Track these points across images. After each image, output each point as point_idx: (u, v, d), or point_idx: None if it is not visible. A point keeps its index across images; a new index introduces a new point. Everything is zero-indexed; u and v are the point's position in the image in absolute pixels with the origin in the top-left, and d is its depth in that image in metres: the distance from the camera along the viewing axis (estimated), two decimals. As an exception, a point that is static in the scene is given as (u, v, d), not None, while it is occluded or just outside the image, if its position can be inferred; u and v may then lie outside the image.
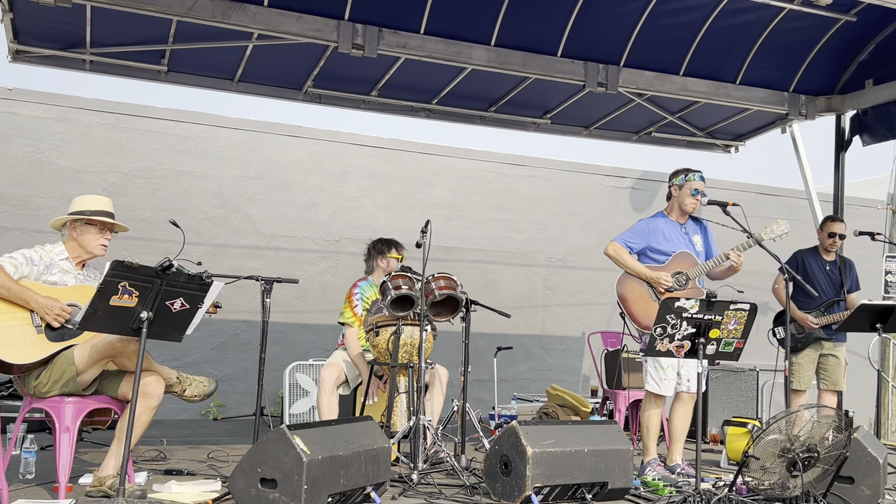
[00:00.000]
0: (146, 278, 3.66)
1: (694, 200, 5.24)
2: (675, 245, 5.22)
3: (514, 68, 6.63)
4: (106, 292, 3.60)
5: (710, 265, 5.18)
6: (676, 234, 5.25)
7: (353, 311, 5.48)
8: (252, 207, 8.38)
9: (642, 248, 5.24)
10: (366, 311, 5.51)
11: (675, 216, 5.32)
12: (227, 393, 7.93)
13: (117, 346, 3.98)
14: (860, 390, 7.38)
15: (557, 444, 4.23)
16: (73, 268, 4.26)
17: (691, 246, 5.26)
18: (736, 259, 5.11)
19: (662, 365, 5.09)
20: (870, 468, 4.45)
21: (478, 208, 9.35)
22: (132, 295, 3.65)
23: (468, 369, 5.22)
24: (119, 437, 4.03)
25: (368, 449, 3.96)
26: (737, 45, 7.02)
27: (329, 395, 5.15)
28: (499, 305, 8.41)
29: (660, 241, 5.21)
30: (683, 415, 5.22)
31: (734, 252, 5.13)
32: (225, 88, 7.06)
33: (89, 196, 4.39)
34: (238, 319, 8.11)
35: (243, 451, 5.40)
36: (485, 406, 8.35)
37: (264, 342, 4.64)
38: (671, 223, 5.30)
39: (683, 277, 5.16)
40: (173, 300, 3.78)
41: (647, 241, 5.22)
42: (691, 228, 5.34)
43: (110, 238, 4.39)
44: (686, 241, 5.27)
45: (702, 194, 5.25)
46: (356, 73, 6.98)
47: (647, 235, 5.22)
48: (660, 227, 5.24)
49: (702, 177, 5.28)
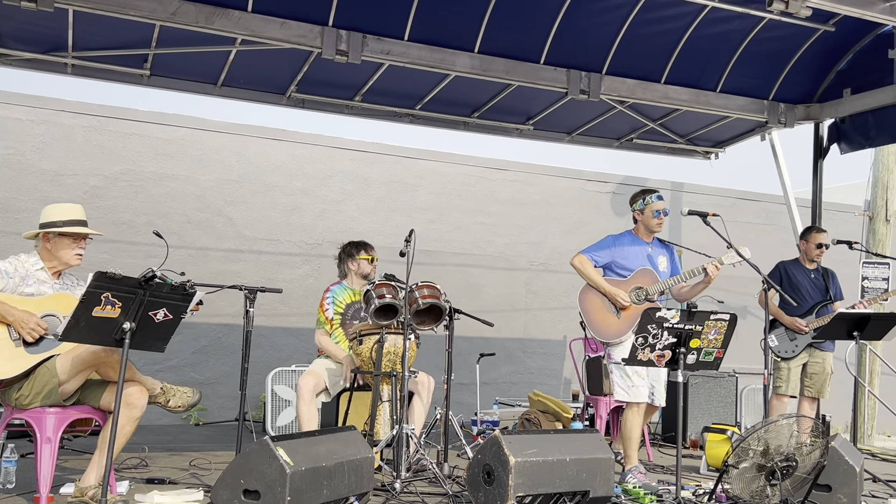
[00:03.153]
0: (129, 289, 3.65)
1: (658, 221, 5.39)
2: (638, 263, 5.36)
3: (497, 75, 6.64)
4: (89, 303, 3.57)
5: (671, 282, 5.32)
6: (640, 253, 5.39)
7: (325, 314, 5.52)
8: (234, 211, 8.34)
9: (607, 262, 5.41)
10: (338, 314, 5.53)
11: (642, 235, 5.47)
12: (209, 397, 7.88)
13: (100, 356, 3.95)
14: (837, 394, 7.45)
15: (540, 454, 4.24)
16: (49, 278, 4.22)
17: (655, 265, 5.40)
18: (713, 272, 5.18)
19: (627, 373, 5.19)
20: (847, 476, 4.51)
21: (461, 212, 9.36)
22: (115, 306, 3.63)
23: (451, 377, 5.22)
24: (101, 447, 4.01)
25: (352, 459, 3.95)
26: (717, 54, 7.08)
27: (308, 403, 5.14)
28: (481, 309, 8.47)
29: (625, 257, 5.36)
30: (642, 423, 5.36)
31: (711, 265, 5.19)
32: (208, 93, 7.02)
33: (60, 205, 4.29)
34: (220, 323, 8.07)
35: (226, 457, 5.41)
36: (467, 410, 8.36)
37: (247, 351, 4.63)
38: (637, 241, 5.46)
39: (643, 293, 5.29)
40: (156, 311, 3.76)
41: (612, 256, 5.39)
42: (657, 249, 5.48)
43: (85, 247, 4.31)
44: (650, 260, 5.41)
45: (664, 213, 5.39)
46: (340, 79, 6.96)
47: (613, 251, 5.39)
48: (624, 245, 5.41)
49: (659, 196, 5.43)
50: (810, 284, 6.36)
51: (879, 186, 10.01)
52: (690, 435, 7.31)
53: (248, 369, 4.69)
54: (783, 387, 6.27)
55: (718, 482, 4.31)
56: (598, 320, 5.34)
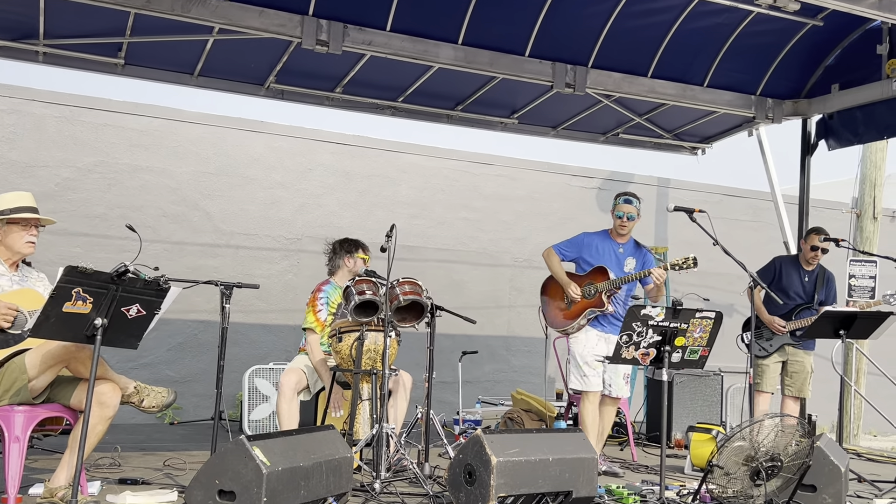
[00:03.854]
0: (101, 284, 3.62)
1: (620, 223, 5.64)
2: (603, 261, 5.62)
3: (481, 67, 6.64)
4: (59, 298, 3.54)
5: (619, 282, 5.50)
6: (608, 253, 5.65)
7: (317, 316, 5.46)
8: (211, 204, 8.29)
9: (575, 257, 5.74)
10: (331, 315, 5.48)
11: (614, 235, 5.73)
12: (184, 395, 7.82)
13: (71, 351, 3.92)
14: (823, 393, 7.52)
15: (522, 453, 4.25)
16: (6, 270, 4.18)
17: (620, 265, 5.61)
18: (658, 277, 5.37)
19: (580, 364, 5.60)
20: (832, 476, 4.55)
21: (444, 207, 9.36)
22: (86, 301, 3.60)
23: (433, 375, 5.23)
24: (72, 447, 3.97)
25: (330, 459, 3.94)
26: (705, 48, 7.12)
27: (289, 401, 5.13)
28: (464, 306, 8.48)
29: (591, 254, 5.66)
30: (605, 416, 5.68)
31: (658, 270, 5.38)
32: (184, 83, 6.99)
33: (7, 194, 4.25)
34: (196, 320, 8.03)
35: (200, 457, 5.38)
36: (449, 409, 8.36)
37: (223, 348, 4.60)
38: (608, 241, 5.72)
39: (593, 289, 5.58)
40: (129, 306, 3.74)
41: (579, 252, 5.71)
42: (629, 251, 5.70)
43: (37, 234, 4.25)
44: (616, 259, 5.65)
45: (627, 217, 5.61)
46: (320, 70, 6.94)
47: (581, 248, 5.71)
48: (595, 242, 5.70)
49: (627, 200, 5.65)
50: (799, 286, 6.40)
51: (867, 183, 10.11)
52: (675, 434, 7.36)
53: (225, 367, 4.67)
54: (761, 384, 6.35)
55: (703, 482, 4.34)
56: (551, 310, 5.81)
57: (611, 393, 5.62)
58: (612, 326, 5.61)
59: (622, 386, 5.61)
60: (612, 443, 7.30)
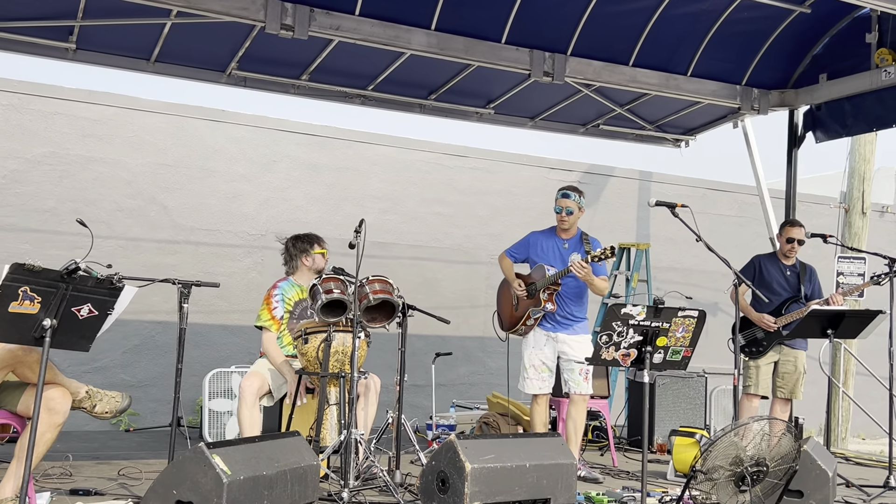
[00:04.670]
0: (50, 283, 3.56)
1: (559, 218, 5.78)
2: (546, 259, 5.79)
3: (455, 55, 6.63)
4: (4, 298, 3.49)
5: (554, 278, 5.63)
6: (552, 249, 5.82)
7: (272, 313, 5.42)
8: (169, 198, 8.22)
9: (525, 258, 5.93)
10: (287, 313, 5.45)
11: (559, 231, 5.86)
12: (140, 401, 7.77)
13: (18, 355, 3.87)
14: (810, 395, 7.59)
15: (498, 459, 4.25)
16: None
17: (564, 261, 5.73)
18: (578, 270, 5.45)
19: (525, 365, 5.79)
20: (819, 481, 4.61)
21: (416, 202, 9.34)
22: (34, 301, 3.55)
23: (404, 378, 5.21)
24: (19, 456, 3.92)
25: (295, 467, 3.93)
26: (688, 36, 7.16)
27: (251, 407, 5.09)
28: (438, 305, 8.48)
29: (537, 254, 5.85)
30: (574, 415, 5.76)
31: (577, 263, 5.46)
32: (140, 69, 6.91)
33: None
34: (153, 320, 7.96)
35: (158, 466, 5.33)
36: (422, 413, 8.36)
37: (181, 351, 4.56)
38: (553, 238, 5.86)
39: (533, 288, 5.75)
40: (80, 306, 3.69)
41: (527, 252, 5.91)
42: (574, 246, 5.81)
43: None
44: (560, 255, 5.77)
45: (565, 211, 5.72)
46: (285, 56, 6.90)
47: (528, 247, 5.91)
48: (540, 241, 5.88)
49: (564, 193, 5.78)
50: (783, 281, 6.45)
51: (856, 177, 10.24)
52: (658, 439, 7.40)
53: (185, 370, 4.63)
54: (752, 386, 6.37)
55: (686, 488, 4.37)
56: (504, 312, 6.04)
57: (573, 390, 5.72)
58: (560, 325, 5.74)
59: (580, 382, 5.68)
60: (592, 448, 7.34)
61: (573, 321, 5.75)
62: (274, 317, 5.44)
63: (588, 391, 5.73)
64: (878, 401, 9.55)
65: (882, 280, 6.08)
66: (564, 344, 5.71)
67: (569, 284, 5.73)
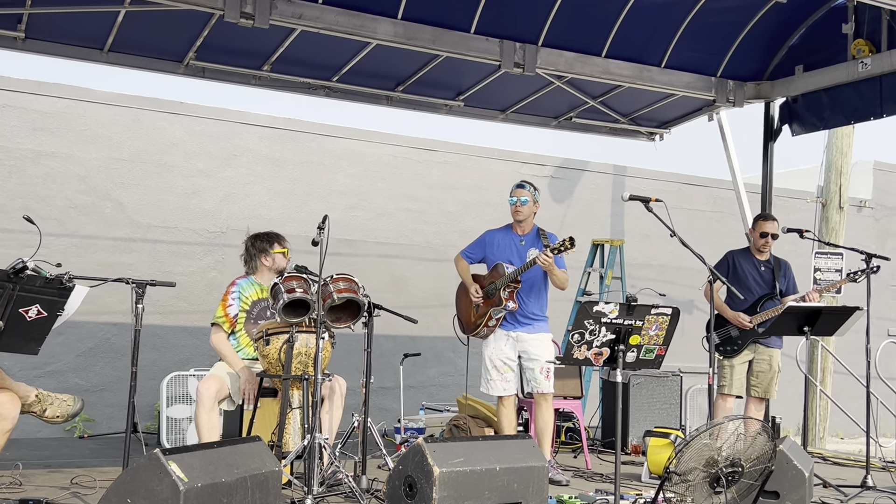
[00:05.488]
0: (-5, 283, 3.52)
1: (513, 209, 5.85)
2: (503, 255, 5.85)
3: (423, 45, 6.63)
4: (-54, 299, 3.43)
5: (514, 275, 5.69)
6: (509, 246, 5.88)
7: (226, 310, 5.39)
8: (125, 194, 8.14)
9: (481, 257, 6.00)
10: (243, 311, 5.42)
11: (515, 227, 5.93)
12: (95, 406, 7.69)
13: (-38, 359, 3.81)
14: (787, 393, 7.69)
15: (467, 463, 4.26)
16: None
17: (522, 258, 5.78)
18: (544, 261, 5.50)
19: (487, 366, 5.85)
20: (795, 481, 4.67)
21: (384, 197, 9.32)
22: (-22, 302, 3.50)
23: (371, 380, 5.21)
24: (-37, 465, 3.86)
25: (256, 473, 3.90)
26: (662, 26, 7.21)
27: (209, 411, 5.05)
28: (407, 304, 8.46)
29: (493, 252, 5.90)
30: (540, 415, 5.82)
31: (542, 254, 5.52)
32: (93, 59, 6.82)
33: None
34: (108, 322, 7.87)
35: (113, 474, 5.27)
36: (390, 417, 8.35)
37: (135, 354, 4.51)
38: (510, 235, 5.93)
39: (493, 287, 5.79)
40: (28, 307, 3.66)
41: (483, 251, 5.97)
42: (530, 242, 5.88)
43: None
44: (518, 252, 5.84)
45: (520, 201, 5.81)
46: (246, 45, 6.85)
47: (484, 247, 5.97)
48: (497, 239, 5.94)
49: (519, 185, 5.90)
50: (758, 276, 6.51)
51: (833, 171, 10.37)
52: (632, 440, 7.46)
53: (141, 374, 4.59)
54: (727, 386, 6.44)
55: (660, 491, 4.40)
56: (464, 315, 6.09)
57: (535, 389, 5.79)
58: (520, 324, 5.82)
59: (542, 381, 5.75)
60: (566, 450, 7.38)
61: (533, 319, 5.83)
62: (227, 314, 5.40)
63: (550, 389, 5.78)
64: (856, 399, 9.68)
65: (858, 277, 6.16)
66: (526, 343, 5.77)
67: (528, 282, 5.78)
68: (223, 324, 5.40)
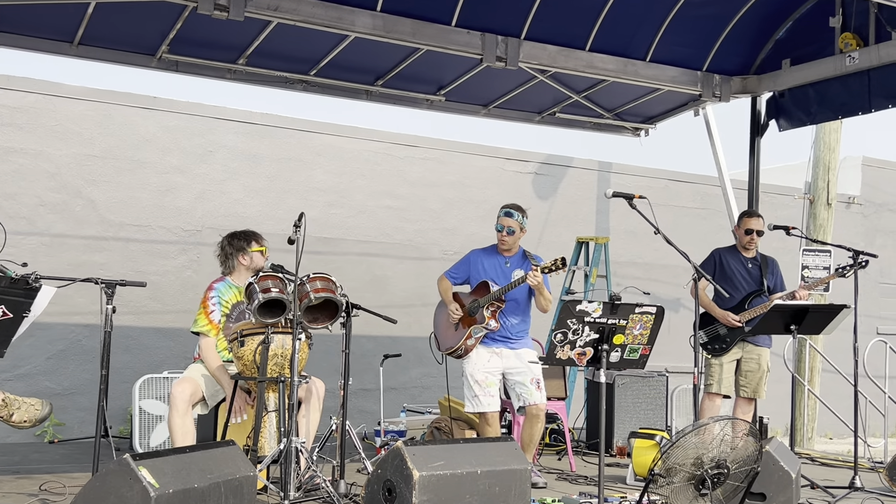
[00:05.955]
0: (-42, 283, 3.47)
1: (500, 237, 5.86)
2: (489, 276, 5.87)
3: (402, 38, 6.61)
4: None
5: (499, 293, 5.73)
6: (495, 267, 5.91)
7: (209, 317, 5.33)
8: (97, 192, 8.07)
9: (465, 278, 6.02)
10: (224, 316, 5.37)
11: (500, 248, 5.94)
12: (66, 410, 7.63)
13: (-76, 363, 3.76)
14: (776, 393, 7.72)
15: (447, 466, 4.25)
16: None
17: (508, 279, 5.79)
18: (533, 280, 5.52)
19: (470, 383, 5.80)
20: (782, 483, 4.68)
21: (364, 194, 9.29)
22: (-60, 303, 3.45)
23: (349, 381, 5.18)
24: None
25: (230, 479, 3.88)
26: (647, 19, 7.22)
27: (182, 415, 5.00)
28: (388, 304, 8.44)
29: (478, 272, 5.92)
30: (529, 429, 5.80)
31: (532, 274, 5.52)
32: (63, 52, 6.77)
33: None
34: (79, 323, 7.80)
35: (83, 480, 5.19)
36: (370, 419, 8.32)
37: (105, 356, 4.47)
38: (494, 256, 5.96)
39: (476, 305, 5.83)
40: (-8, 309, 3.60)
41: (468, 272, 6.00)
42: (516, 263, 5.90)
43: None
44: (503, 273, 5.86)
45: (507, 231, 5.80)
46: (221, 38, 6.82)
47: (469, 266, 6.00)
48: (481, 259, 5.97)
49: (507, 212, 5.85)
50: (745, 274, 6.53)
51: (821, 167, 10.42)
52: (617, 441, 7.46)
53: (114, 376, 4.55)
54: (714, 385, 6.44)
55: (644, 493, 4.40)
56: (442, 332, 6.09)
57: (527, 402, 5.73)
58: (502, 342, 5.83)
59: (533, 392, 5.70)
60: (550, 452, 7.38)
61: (516, 338, 5.85)
62: (212, 321, 5.34)
63: (543, 401, 5.75)
64: (845, 399, 9.71)
65: (847, 272, 6.17)
66: (510, 359, 5.79)
67: (513, 301, 5.79)
68: (209, 332, 5.32)
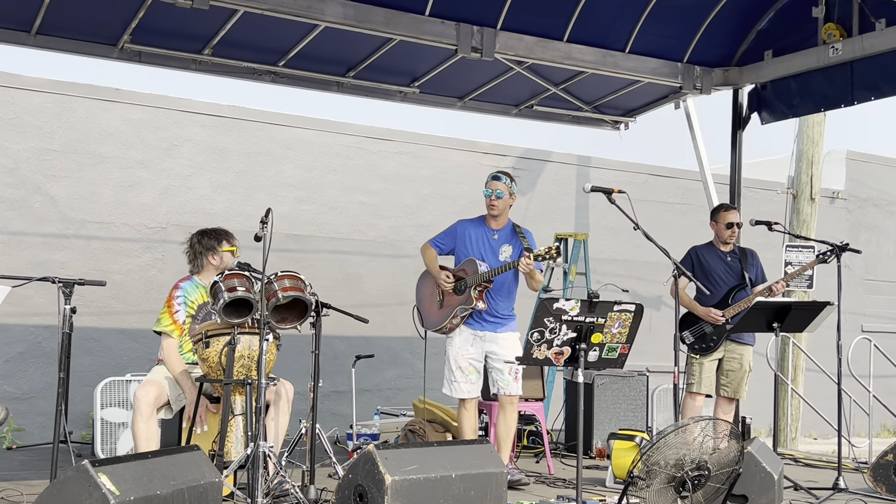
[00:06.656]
0: None
1: (488, 202, 5.79)
2: (475, 251, 5.82)
3: (374, 27, 6.59)
4: None
5: (488, 275, 5.69)
6: (482, 240, 5.84)
7: (174, 317, 5.28)
8: (56, 187, 8.00)
9: (451, 248, 5.95)
10: (190, 317, 5.32)
11: (488, 220, 5.89)
12: (26, 414, 7.56)
13: None
14: (759, 392, 7.77)
15: (421, 470, 4.24)
16: None
17: (495, 254, 5.78)
18: (524, 268, 5.51)
19: (451, 367, 5.83)
20: (764, 485, 4.70)
21: (336, 190, 9.27)
22: None
23: (319, 383, 5.15)
24: None
25: (194, 485, 3.85)
26: (626, 9, 7.23)
27: (147, 419, 4.96)
28: (362, 303, 8.43)
29: (465, 245, 5.86)
30: (503, 419, 5.82)
31: (524, 262, 5.50)
32: (20, 42, 6.71)
33: None
34: (39, 324, 7.73)
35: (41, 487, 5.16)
36: (343, 422, 8.29)
37: (62, 358, 4.42)
38: (482, 227, 5.90)
39: (462, 284, 5.77)
40: (-57, 309, 3.54)
41: (454, 242, 5.92)
42: (504, 237, 5.86)
43: None
44: (491, 248, 5.82)
45: (495, 194, 5.75)
46: (185, 28, 6.78)
47: (455, 237, 5.92)
48: (468, 230, 5.89)
49: (494, 176, 5.84)
50: (725, 269, 6.54)
51: (804, 161, 10.51)
52: (597, 443, 7.48)
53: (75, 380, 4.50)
54: (695, 384, 6.46)
55: (623, 495, 4.41)
56: (426, 307, 6.05)
57: (501, 391, 5.78)
58: (489, 324, 5.81)
59: (510, 382, 5.74)
60: (528, 454, 7.38)
61: (502, 319, 5.81)
62: (176, 321, 5.30)
63: (518, 392, 5.78)
64: (829, 398, 9.72)
65: (828, 257, 6.18)
66: (493, 343, 5.75)
67: (499, 281, 5.76)
68: (172, 332, 5.27)
